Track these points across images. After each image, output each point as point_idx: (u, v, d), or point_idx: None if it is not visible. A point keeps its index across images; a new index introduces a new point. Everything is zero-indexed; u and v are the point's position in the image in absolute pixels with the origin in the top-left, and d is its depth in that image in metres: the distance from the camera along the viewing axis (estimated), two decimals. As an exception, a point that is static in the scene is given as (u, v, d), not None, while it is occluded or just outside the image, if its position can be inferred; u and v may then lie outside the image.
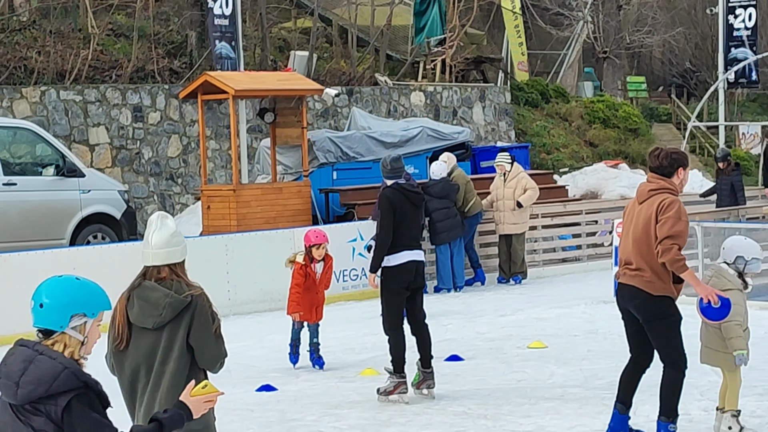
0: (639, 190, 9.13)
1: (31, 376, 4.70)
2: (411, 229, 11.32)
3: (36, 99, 23.37)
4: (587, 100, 36.29)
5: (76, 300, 4.92)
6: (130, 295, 6.29)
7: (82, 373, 4.70)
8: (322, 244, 12.92)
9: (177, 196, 25.05)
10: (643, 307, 8.97)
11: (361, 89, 28.88)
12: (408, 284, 11.14)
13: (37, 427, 4.69)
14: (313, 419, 10.37)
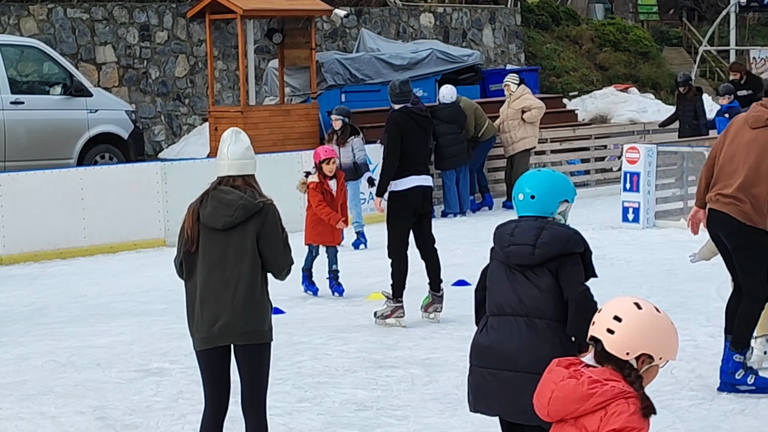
0: (753, 115, 8.61)
1: (547, 238, 5.84)
2: (419, 153, 11.26)
3: (43, 17, 23.22)
4: (598, 23, 36.01)
5: (560, 188, 6.00)
6: (203, 198, 6.60)
7: (585, 239, 5.97)
8: (332, 158, 12.79)
9: (184, 117, 24.97)
10: (734, 235, 8.67)
11: (371, 10, 28.67)
12: (415, 209, 11.11)
13: (543, 286, 5.83)
14: (321, 342, 10.42)
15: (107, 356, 10.14)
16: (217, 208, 6.51)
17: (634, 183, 16.82)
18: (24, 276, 14.67)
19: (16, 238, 15.50)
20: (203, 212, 6.54)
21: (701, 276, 12.97)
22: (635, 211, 16.84)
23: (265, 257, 6.52)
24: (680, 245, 15.15)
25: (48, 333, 11.23)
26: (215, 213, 6.52)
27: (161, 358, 10.00)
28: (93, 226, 16.22)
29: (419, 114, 11.41)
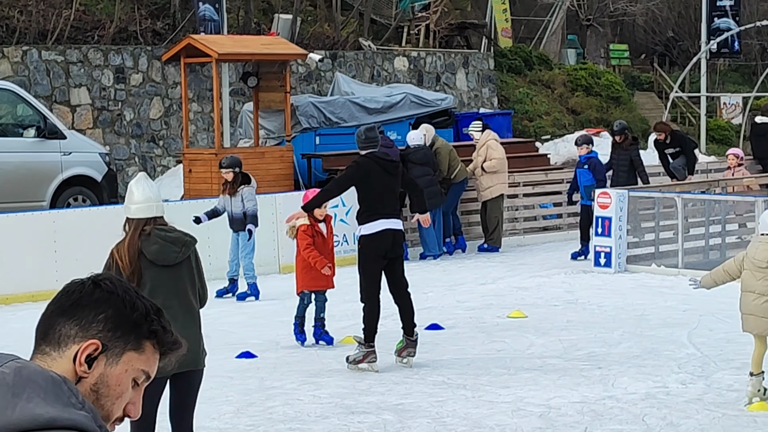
0: None
1: None
2: (386, 197, 11.28)
3: (17, 59, 23.24)
4: (570, 68, 36.27)
5: None
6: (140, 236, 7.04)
7: None
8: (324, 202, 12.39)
9: (158, 159, 24.99)
10: None
11: (345, 53, 28.81)
12: (385, 253, 11.14)
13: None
14: (293, 387, 10.41)
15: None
16: (165, 246, 7.01)
17: (606, 228, 16.91)
18: (-5, 319, 14.59)
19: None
20: (148, 250, 7.00)
21: (673, 322, 13.05)
22: (607, 256, 16.91)
23: (198, 287, 7.19)
24: (652, 290, 15.25)
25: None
26: (164, 251, 7.00)
27: (133, 402, 9.96)
28: (65, 269, 16.13)
29: (385, 159, 11.47)
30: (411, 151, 18.61)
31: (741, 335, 12.04)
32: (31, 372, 2.34)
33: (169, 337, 2.59)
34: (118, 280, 2.59)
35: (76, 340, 2.51)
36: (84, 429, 2.30)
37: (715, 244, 17.74)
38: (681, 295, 14.75)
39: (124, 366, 2.53)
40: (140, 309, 2.55)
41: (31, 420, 2.26)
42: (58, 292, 2.60)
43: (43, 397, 2.30)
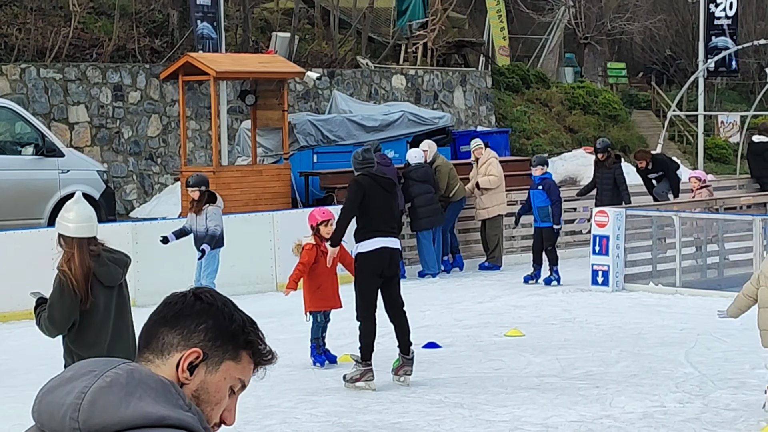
0: None
1: None
2: (384, 215, 11.28)
3: (16, 76, 23.27)
4: (568, 86, 36.31)
5: None
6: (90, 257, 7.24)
7: None
8: (329, 220, 12.25)
9: (156, 176, 25.00)
10: None
11: (343, 71, 28.85)
12: (381, 271, 11.13)
13: None
14: (290, 406, 10.40)
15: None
16: (114, 268, 7.29)
17: (604, 246, 16.92)
18: (-7, 336, 14.58)
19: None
20: (100, 271, 7.22)
21: (670, 341, 13.05)
22: (605, 274, 16.92)
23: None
24: (649, 309, 15.25)
25: (16, 396, 11.16)
26: (113, 272, 7.26)
27: (130, 421, 9.94)
28: (63, 287, 16.14)
29: (383, 177, 11.50)
30: (411, 169, 18.63)
31: (738, 354, 12.05)
32: (142, 374, 2.50)
33: (264, 348, 2.75)
34: (216, 293, 2.74)
35: (179, 348, 2.65)
36: (191, 429, 2.47)
37: (713, 263, 17.75)
38: (678, 314, 14.76)
39: (222, 374, 2.67)
40: (238, 321, 2.71)
41: (143, 417, 2.42)
42: (160, 303, 2.74)
43: (154, 397, 2.46)
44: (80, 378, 2.48)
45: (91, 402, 2.43)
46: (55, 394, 2.48)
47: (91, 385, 2.45)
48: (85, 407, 2.42)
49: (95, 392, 2.44)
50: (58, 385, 2.49)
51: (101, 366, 2.50)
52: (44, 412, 2.48)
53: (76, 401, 2.43)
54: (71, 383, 2.48)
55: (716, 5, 33.30)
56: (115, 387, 2.44)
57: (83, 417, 2.42)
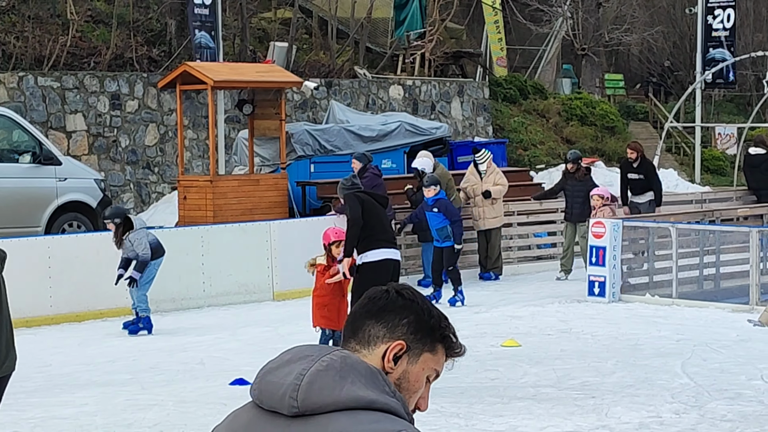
0: None
1: None
2: (385, 226, 11.39)
3: (13, 85, 23.28)
4: (565, 97, 36.36)
5: None
6: None
7: None
8: (340, 242, 12.11)
9: (153, 185, 25.00)
10: None
11: (340, 81, 28.87)
12: (384, 282, 11.16)
13: None
14: (286, 414, 10.38)
15: (71, 427, 10.08)
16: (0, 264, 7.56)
17: (600, 257, 16.92)
18: (-11, 344, 14.56)
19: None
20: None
21: (666, 351, 13.05)
22: (601, 285, 16.92)
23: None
24: (646, 320, 15.25)
25: (12, 403, 11.13)
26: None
27: (125, 429, 9.95)
28: (59, 295, 16.17)
29: (373, 193, 11.66)
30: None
31: (735, 365, 12.06)
32: (353, 361, 2.78)
33: (455, 342, 2.98)
34: (415, 290, 2.98)
35: (384, 340, 2.90)
36: (397, 413, 2.74)
37: (710, 275, 17.76)
38: (675, 325, 14.77)
39: (421, 365, 2.94)
40: (435, 316, 2.95)
41: (354, 400, 2.70)
42: (363, 298, 2.97)
43: (364, 382, 2.74)
44: (298, 361, 2.77)
45: (309, 383, 2.71)
46: (275, 374, 2.78)
47: (309, 368, 2.74)
48: (304, 388, 2.71)
49: (313, 375, 2.72)
50: (278, 366, 2.79)
51: (317, 351, 2.79)
52: (264, 391, 2.78)
53: (296, 382, 2.72)
54: (290, 365, 2.77)
55: (714, 17, 33.36)
56: (330, 371, 2.72)
57: (301, 397, 2.70)
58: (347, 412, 2.69)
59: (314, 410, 2.70)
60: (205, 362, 13.04)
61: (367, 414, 2.69)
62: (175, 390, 11.51)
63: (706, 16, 33.36)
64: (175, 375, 12.33)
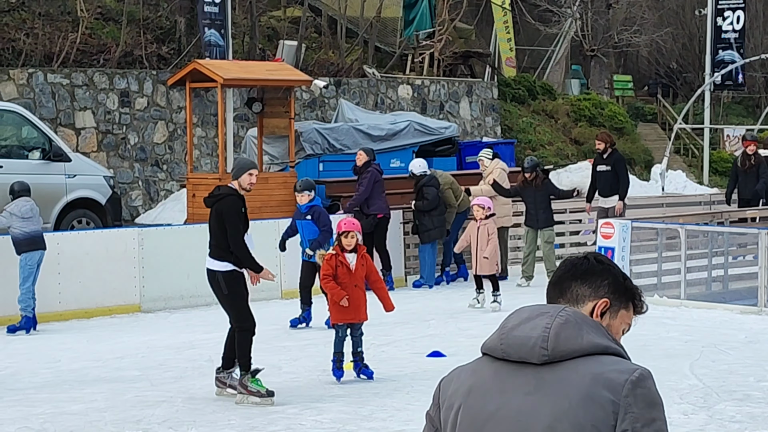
0: None
1: None
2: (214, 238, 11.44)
3: (23, 81, 23.31)
4: (574, 98, 36.36)
5: None
6: None
7: None
8: (350, 232, 11.85)
9: (162, 183, 25.03)
10: None
11: (349, 81, 28.89)
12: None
13: None
14: (295, 412, 10.41)
15: (80, 423, 10.10)
16: None
17: (609, 257, 16.89)
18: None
19: (-9, 301, 15.43)
20: None
21: (675, 353, 13.04)
22: (609, 286, 16.88)
23: None
24: (654, 321, 15.23)
25: (21, 399, 11.18)
26: None
27: (134, 425, 9.97)
28: (68, 291, 16.19)
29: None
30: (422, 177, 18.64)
31: (743, 367, 12.05)
32: (582, 315, 3.29)
33: (642, 302, 3.52)
34: (606, 257, 3.49)
35: (591, 298, 3.41)
36: (624, 356, 3.26)
37: (718, 276, 17.74)
38: (683, 326, 14.76)
39: (619, 320, 3.45)
40: (627, 278, 3.48)
41: (594, 346, 3.21)
42: (560, 265, 3.49)
43: (596, 332, 3.25)
44: (537, 318, 3.26)
45: (555, 334, 3.21)
46: (519, 330, 3.26)
47: (552, 322, 3.23)
48: (552, 338, 3.21)
49: (557, 327, 3.22)
50: (519, 324, 3.28)
51: (551, 309, 3.28)
52: (513, 344, 3.25)
53: (544, 334, 3.22)
54: (531, 321, 3.26)
55: (723, 19, 33.34)
56: (570, 323, 3.22)
57: (551, 346, 3.20)
58: (590, 357, 3.20)
59: (562, 357, 3.20)
60: (213, 359, 13.03)
61: (606, 357, 3.21)
62: (184, 387, 11.52)
63: (716, 17, 33.35)
64: (183, 372, 12.35)
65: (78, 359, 13.34)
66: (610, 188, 19.27)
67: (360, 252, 11.89)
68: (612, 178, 19.24)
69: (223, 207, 11.22)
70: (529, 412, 3.19)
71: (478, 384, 3.29)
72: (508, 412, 3.21)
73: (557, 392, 3.17)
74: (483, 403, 3.27)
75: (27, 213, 15.17)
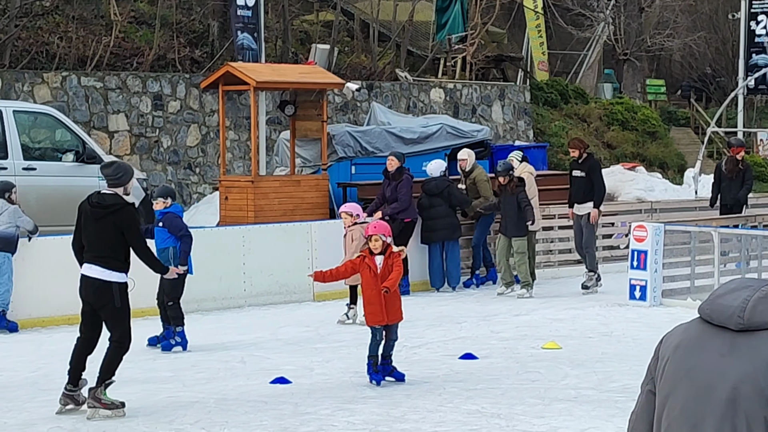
0: None
1: None
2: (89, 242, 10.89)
3: (57, 84, 23.43)
4: (606, 102, 36.24)
5: None
6: None
7: None
8: (374, 236, 11.81)
9: (194, 186, 25.10)
10: None
11: (381, 84, 28.90)
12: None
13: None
14: (327, 413, 10.41)
15: (113, 423, 10.14)
16: None
17: (642, 261, 16.85)
18: (31, 342, 14.66)
19: (24, 303, 15.51)
20: None
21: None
22: (642, 289, 16.85)
23: None
24: (687, 324, 15.15)
25: (53, 399, 11.21)
26: None
27: (167, 426, 9.99)
28: (101, 293, 16.22)
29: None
30: (426, 181, 18.63)
31: None
32: None
33: None
34: None
35: None
36: None
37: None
38: (717, 330, 14.66)
39: None
40: None
41: None
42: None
43: None
44: (742, 290, 3.72)
45: (753, 306, 3.66)
46: (724, 299, 3.72)
47: (752, 296, 3.68)
48: (749, 309, 3.66)
49: (756, 300, 3.67)
50: (725, 293, 3.74)
51: (756, 283, 3.73)
52: (716, 310, 3.72)
53: (742, 305, 3.67)
54: (735, 293, 3.72)
55: (757, 23, 33.18)
56: (767, 298, 3.67)
57: (747, 316, 3.65)
58: None
59: (757, 326, 3.62)
60: (245, 361, 13.08)
61: None
62: (216, 388, 11.54)
63: (749, 21, 33.19)
64: (215, 373, 12.37)
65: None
66: (584, 195, 18.55)
67: (393, 257, 11.80)
68: (586, 184, 18.48)
69: (124, 219, 10.62)
70: (720, 371, 3.64)
71: (685, 341, 3.77)
72: (701, 370, 3.68)
73: (746, 357, 3.61)
74: (685, 358, 3.73)
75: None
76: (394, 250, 11.91)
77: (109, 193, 10.75)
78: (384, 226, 12.14)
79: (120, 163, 10.97)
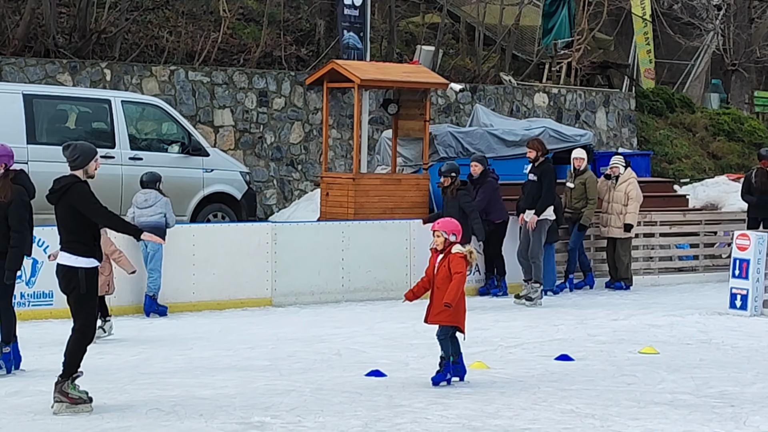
0: None
1: None
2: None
3: (165, 78, 23.77)
4: (713, 112, 35.80)
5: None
6: None
7: None
8: (436, 231, 11.44)
9: (296, 182, 25.30)
10: None
11: (485, 87, 28.87)
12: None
13: None
14: (421, 406, 10.44)
15: (210, 408, 10.27)
16: None
17: (744, 270, 16.65)
18: (131, 327, 14.91)
19: (125, 291, 15.76)
20: None
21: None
22: (743, 298, 16.65)
23: None
24: (790, 335, 14.96)
25: (153, 383, 11.41)
26: None
27: (263, 412, 10.09)
28: (202, 283, 16.48)
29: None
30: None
31: None
32: None
33: None
34: None
35: None
36: None
37: None
38: (819, 341, 14.46)
39: None
40: None
41: None
42: None
43: None
44: None
45: None
46: None
47: None
48: None
49: None
50: None
51: None
52: None
53: None
54: None
55: None
56: None
57: None
58: None
59: None
60: (341, 353, 13.18)
61: None
62: (312, 378, 11.64)
63: None
64: (312, 364, 12.48)
65: (209, 347, 13.57)
66: (533, 200, 17.72)
67: (447, 252, 11.33)
68: (536, 189, 17.67)
69: (73, 195, 10.01)
70: None
71: None
72: None
73: None
74: None
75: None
76: (454, 250, 11.32)
77: (65, 176, 10.18)
78: (450, 223, 11.55)
79: (78, 145, 10.25)
